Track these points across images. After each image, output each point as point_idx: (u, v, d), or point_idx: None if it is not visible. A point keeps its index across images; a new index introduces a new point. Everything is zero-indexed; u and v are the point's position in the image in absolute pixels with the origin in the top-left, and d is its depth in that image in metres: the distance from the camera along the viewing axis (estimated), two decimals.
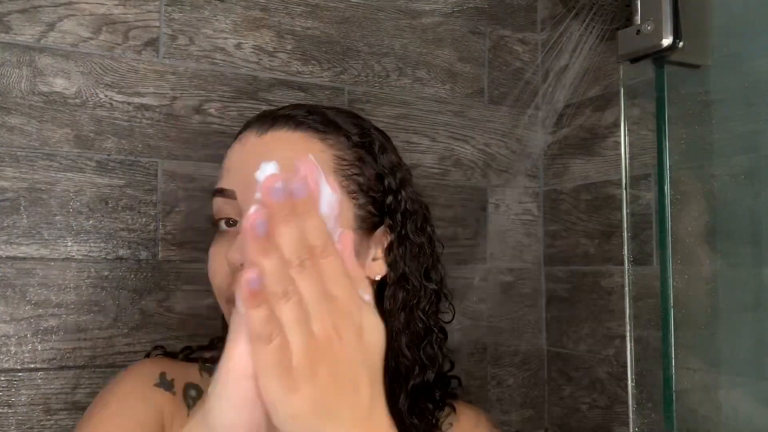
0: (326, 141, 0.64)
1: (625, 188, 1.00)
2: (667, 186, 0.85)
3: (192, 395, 0.69)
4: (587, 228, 1.16)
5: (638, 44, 0.84)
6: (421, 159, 1.14)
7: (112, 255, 0.92)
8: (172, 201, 0.96)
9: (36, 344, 0.88)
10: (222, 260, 0.62)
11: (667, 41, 0.81)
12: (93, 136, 0.92)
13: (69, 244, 0.90)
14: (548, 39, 1.22)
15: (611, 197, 1.12)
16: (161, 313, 0.94)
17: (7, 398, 0.87)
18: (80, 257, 0.91)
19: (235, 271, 0.61)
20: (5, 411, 0.86)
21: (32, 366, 0.88)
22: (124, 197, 0.93)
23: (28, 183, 0.89)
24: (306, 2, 1.06)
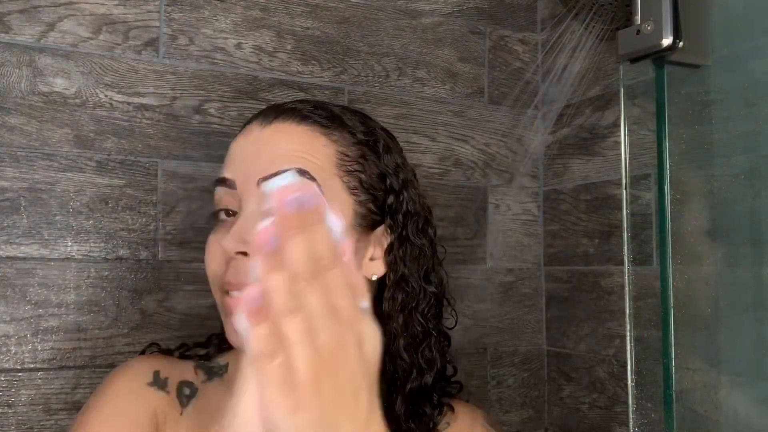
0: (330, 136, 0.64)
1: (625, 188, 1.00)
2: (667, 186, 0.85)
3: (186, 393, 0.69)
4: (587, 228, 1.16)
5: (638, 44, 0.84)
6: (421, 159, 1.14)
7: (112, 255, 0.92)
8: (172, 201, 0.96)
9: (36, 344, 0.88)
10: (217, 248, 0.62)
11: (667, 41, 0.81)
12: (93, 136, 0.92)
13: (69, 244, 0.90)
14: (548, 39, 1.22)
15: (611, 197, 1.12)
16: (161, 313, 0.94)
17: (7, 398, 0.87)
18: (80, 257, 0.91)
19: (230, 260, 0.61)
20: (5, 411, 0.86)
21: (32, 366, 0.88)
22: (124, 197, 0.93)
23: (28, 183, 0.89)
24: (306, 2, 1.06)
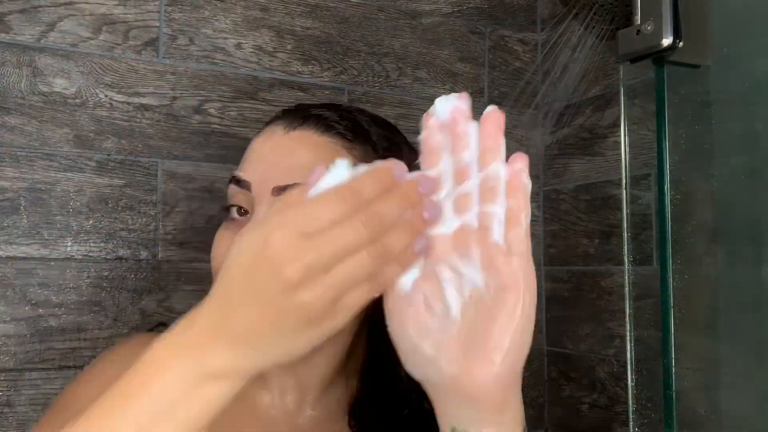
0: (352, 150, 0.63)
1: (625, 188, 1.00)
2: (667, 186, 0.85)
3: None
4: (587, 228, 1.16)
5: (638, 44, 0.84)
6: None
7: (112, 255, 0.92)
8: (172, 201, 0.96)
9: (36, 344, 0.88)
10: (228, 245, 0.60)
11: (667, 41, 0.81)
12: (93, 136, 0.92)
13: (69, 244, 0.90)
14: (548, 39, 1.22)
15: (611, 197, 1.12)
16: (161, 313, 0.94)
17: (7, 398, 0.87)
18: (80, 257, 0.91)
19: None
20: (5, 411, 0.86)
21: (32, 366, 0.88)
22: (124, 197, 0.93)
23: (28, 183, 0.89)
24: (306, 2, 1.06)
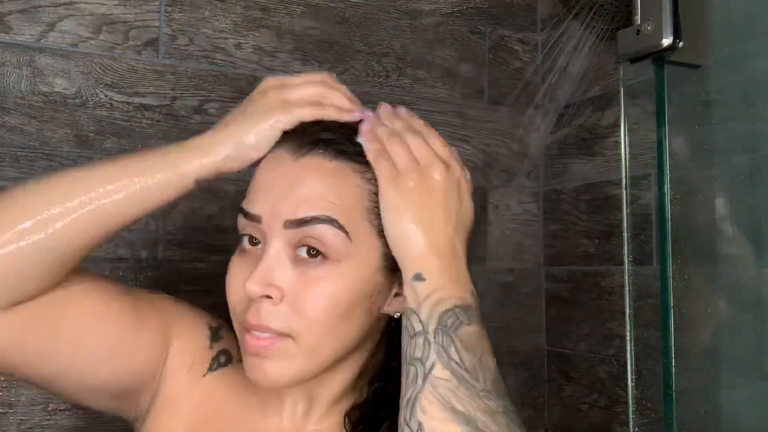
0: (364, 175, 0.60)
1: (625, 188, 1.00)
2: (667, 186, 0.85)
3: (221, 360, 0.68)
4: (587, 228, 1.16)
5: (638, 44, 0.84)
6: None
7: (112, 255, 0.92)
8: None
9: None
10: (241, 284, 0.58)
11: (667, 41, 0.81)
12: (93, 136, 0.92)
13: None
14: (548, 39, 1.22)
15: (611, 197, 1.12)
16: None
17: (7, 398, 0.87)
18: None
19: (252, 300, 0.58)
20: (5, 411, 0.86)
21: None
22: None
23: None
24: (306, 2, 1.06)
